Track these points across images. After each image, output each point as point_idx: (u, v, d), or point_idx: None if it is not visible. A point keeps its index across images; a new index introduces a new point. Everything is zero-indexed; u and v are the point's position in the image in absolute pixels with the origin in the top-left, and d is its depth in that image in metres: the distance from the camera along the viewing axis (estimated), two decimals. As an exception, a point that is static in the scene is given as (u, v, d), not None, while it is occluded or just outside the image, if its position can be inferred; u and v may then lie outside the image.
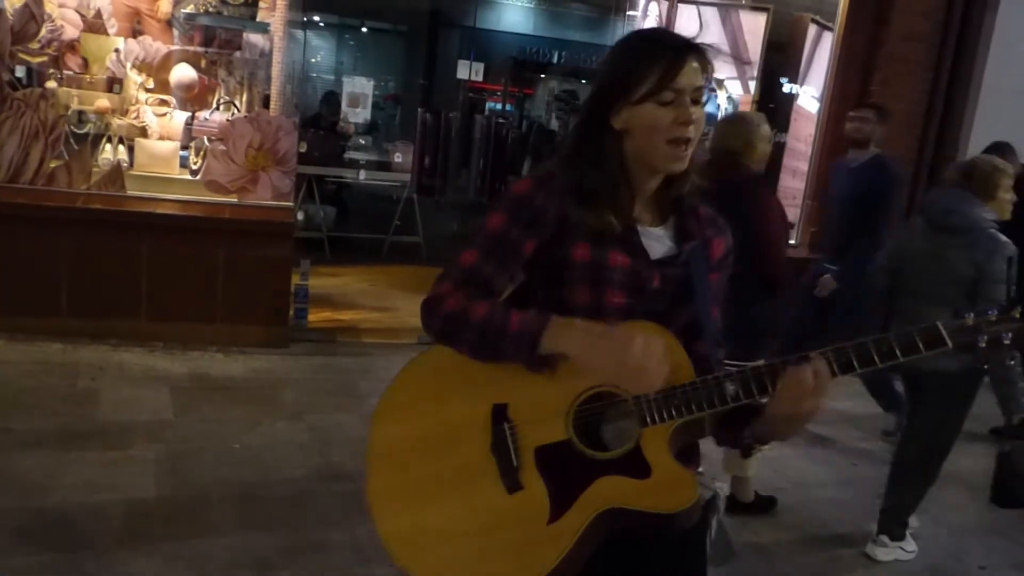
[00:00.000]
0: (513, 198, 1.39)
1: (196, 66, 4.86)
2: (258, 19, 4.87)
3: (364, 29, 14.03)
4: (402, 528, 1.36)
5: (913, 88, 5.74)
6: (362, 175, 7.48)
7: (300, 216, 6.57)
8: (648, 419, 1.28)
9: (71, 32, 4.63)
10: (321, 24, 13.05)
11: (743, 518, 3.42)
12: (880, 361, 1.25)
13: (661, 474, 1.27)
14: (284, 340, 4.67)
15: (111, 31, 4.73)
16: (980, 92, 5.72)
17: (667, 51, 1.33)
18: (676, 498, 1.27)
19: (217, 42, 4.90)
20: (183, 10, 4.82)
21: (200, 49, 4.87)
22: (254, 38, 4.91)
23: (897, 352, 1.23)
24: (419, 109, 7.78)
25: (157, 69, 4.81)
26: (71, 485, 3.00)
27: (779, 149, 6.86)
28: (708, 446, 1.46)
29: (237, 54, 4.93)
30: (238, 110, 4.93)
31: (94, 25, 4.68)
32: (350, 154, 7.65)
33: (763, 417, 1.29)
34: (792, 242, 6.05)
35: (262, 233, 4.60)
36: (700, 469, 1.47)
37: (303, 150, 6.22)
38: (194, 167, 4.85)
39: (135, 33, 4.80)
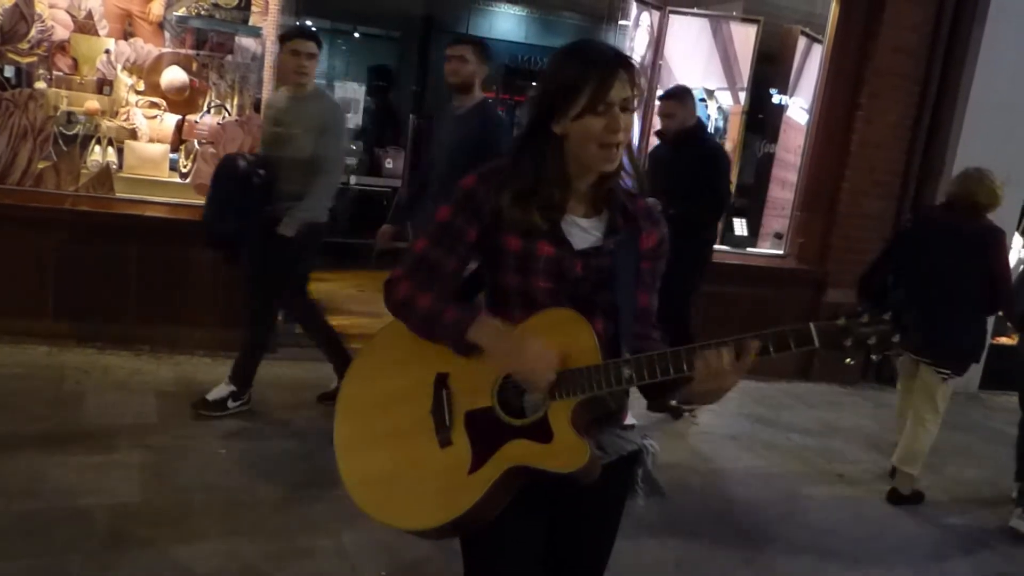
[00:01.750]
0: (460, 192, 1.60)
1: (187, 69, 4.85)
2: (250, 23, 4.86)
3: (356, 34, 14.03)
4: (358, 470, 1.63)
5: (901, 101, 5.78)
6: (352, 180, 7.46)
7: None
8: (554, 395, 1.50)
9: (61, 33, 4.61)
10: (314, 29, 13.04)
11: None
12: (760, 353, 1.46)
13: (560, 441, 1.50)
14: (272, 345, 4.64)
15: (102, 32, 4.71)
16: (967, 105, 5.77)
17: (599, 67, 1.50)
18: (570, 461, 1.49)
19: (209, 45, 4.89)
20: (175, 13, 4.80)
21: (191, 52, 4.85)
22: (246, 42, 4.90)
23: (771, 348, 1.45)
24: (411, 115, 7.78)
25: (148, 71, 4.79)
26: (55, 489, 2.98)
27: (768, 160, 6.91)
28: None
29: (229, 58, 4.92)
30: (229, 113, 4.91)
31: (85, 26, 4.66)
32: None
33: (688, 387, 1.50)
34: (780, 253, 6.09)
35: (251, 237, 4.57)
36: (632, 422, 1.70)
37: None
38: (184, 170, 4.83)
39: (126, 35, 4.78)
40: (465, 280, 1.68)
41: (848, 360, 1.45)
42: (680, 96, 4.48)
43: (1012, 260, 6.40)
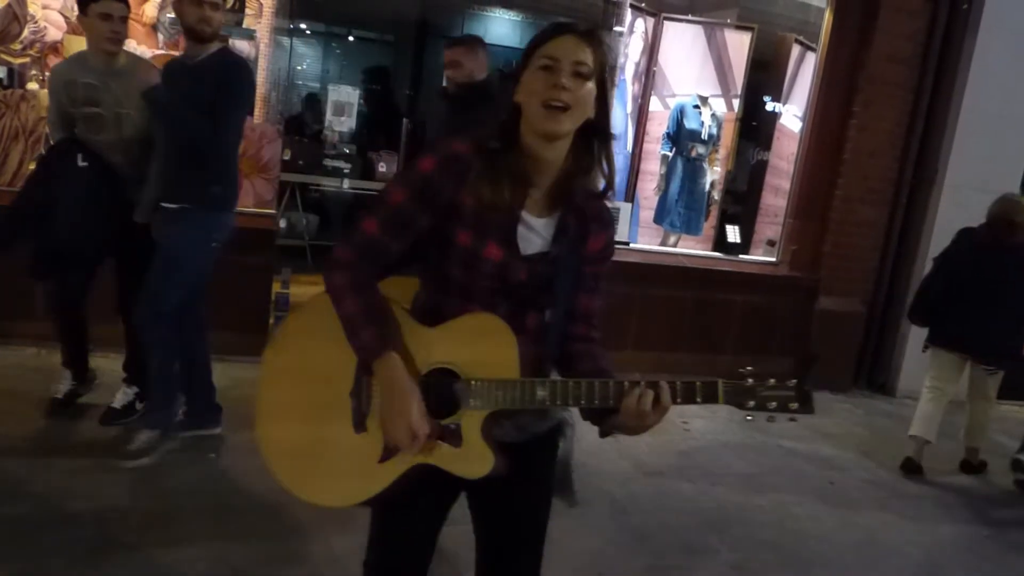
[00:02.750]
0: (417, 174, 1.53)
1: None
2: (244, 25, 4.85)
3: (351, 38, 14.03)
4: (273, 437, 1.63)
5: (894, 109, 5.80)
6: (346, 184, 7.45)
7: (282, 224, 6.53)
8: (471, 402, 1.52)
9: (54, 34, 4.59)
10: (308, 32, 13.03)
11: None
12: (674, 401, 1.49)
13: (469, 448, 1.53)
14: (263, 348, 4.61)
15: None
16: (960, 114, 5.79)
17: (551, 28, 1.51)
18: (474, 469, 1.53)
19: (202, 47, 4.87)
20: (168, 15, 4.79)
21: (185, 54, 4.83)
22: (240, 44, 4.89)
23: (678, 396, 1.49)
24: (404, 119, 7.78)
25: (141, 73, 4.77)
26: (43, 493, 2.96)
27: (761, 167, 6.93)
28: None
29: (222, 60, 4.90)
30: (222, 116, 4.89)
31: (78, 27, 4.64)
32: (334, 162, 7.62)
33: (612, 419, 1.51)
34: (773, 260, 6.11)
35: (243, 240, 4.53)
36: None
37: (287, 158, 6.19)
38: (176, 172, 4.80)
39: (120, 36, 4.76)
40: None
41: (747, 417, 1.53)
42: (469, 43, 3.94)
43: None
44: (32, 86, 4.54)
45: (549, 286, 1.58)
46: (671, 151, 6.42)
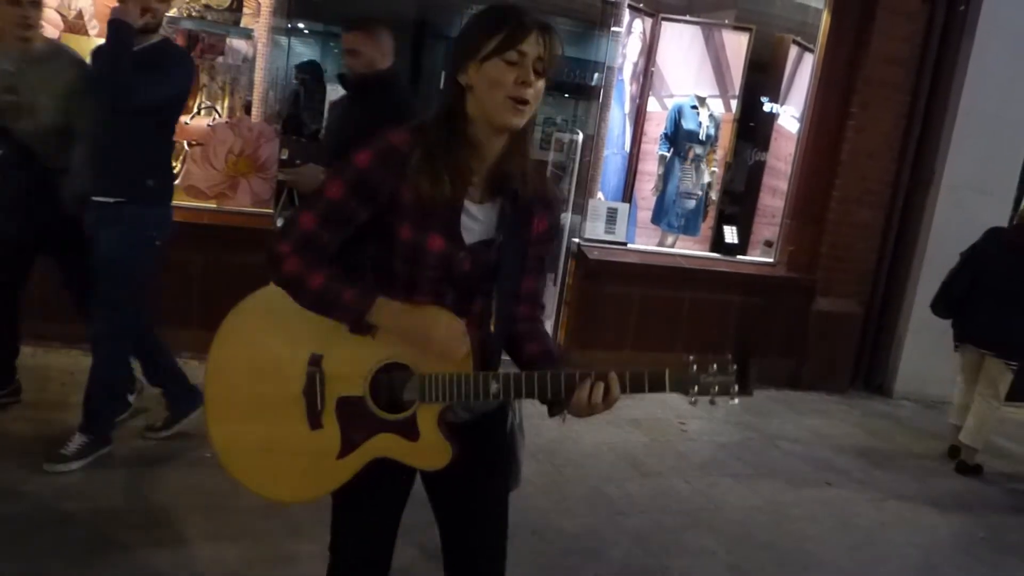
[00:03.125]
0: (354, 170, 1.52)
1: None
2: (242, 24, 4.85)
3: (349, 37, 14.00)
4: (225, 435, 1.63)
5: (892, 111, 5.81)
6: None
7: (279, 223, 6.52)
8: (425, 397, 1.54)
9: (50, 32, 4.57)
10: (306, 31, 13.02)
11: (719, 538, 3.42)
12: (622, 391, 1.53)
13: (425, 441, 1.56)
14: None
15: (92, 32, 4.68)
16: (957, 115, 5.80)
17: (516, 18, 1.48)
18: (433, 461, 1.57)
19: (200, 47, 4.87)
20: (166, 14, 4.78)
21: (182, 53, 4.82)
22: (237, 43, 4.88)
23: (627, 387, 1.52)
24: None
25: (138, 72, 4.76)
26: (38, 493, 2.95)
27: (758, 168, 6.93)
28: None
29: (220, 59, 4.90)
30: (219, 115, 4.89)
31: (75, 26, 4.63)
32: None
33: (561, 405, 1.55)
34: (770, 261, 6.11)
35: (240, 239, 4.56)
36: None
37: (284, 157, 6.18)
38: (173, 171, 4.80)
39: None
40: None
41: (691, 401, 1.56)
42: (368, 28, 3.41)
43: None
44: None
45: (494, 273, 1.59)
46: (669, 152, 6.42)
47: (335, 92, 8.59)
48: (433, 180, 1.49)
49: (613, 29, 5.83)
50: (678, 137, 6.38)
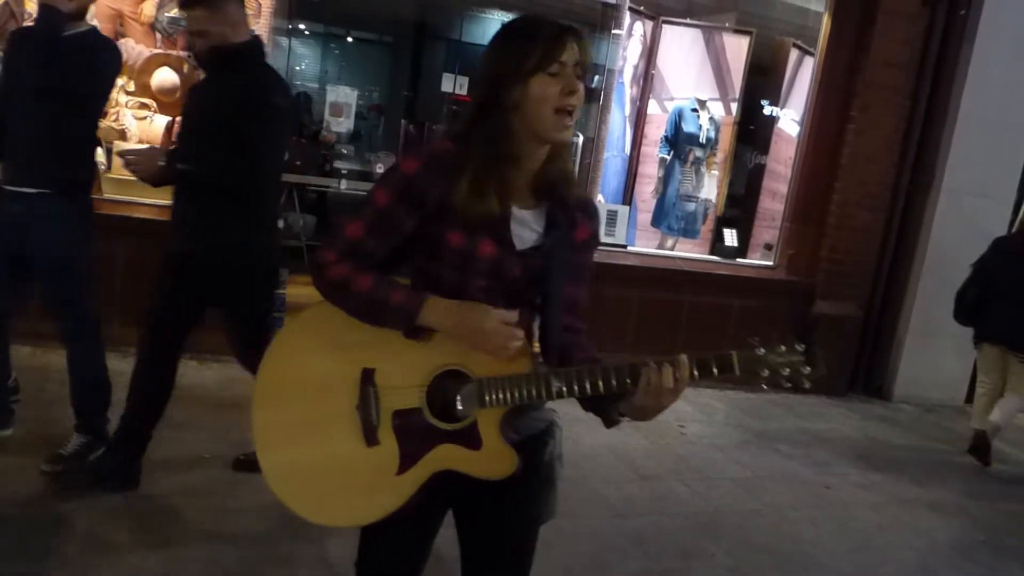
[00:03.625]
0: (401, 176, 1.51)
1: (178, 71, 4.82)
2: (242, 25, 4.84)
3: (349, 39, 14.03)
4: (277, 462, 1.55)
5: (891, 114, 5.81)
6: (344, 185, 7.43)
7: (279, 224, 6.51)
8: (485, 402, 1.49)
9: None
10: (306, 32, 13.03)
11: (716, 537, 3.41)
12: (689, 376, 1.48)
13: (488, 448, 1.51)
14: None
15: (92, 33, 4.68)
16: (957, 119, 5.80)
17: (549, 30, 1.48)
18: (498, 469, 1.52)
19: (200, 47, 4.86)
20: (167, 14, 4.78)
21: (183, 53, 4.83)
22: (238, 44, 4.87)
23: (695, 371, 1.48)
24: (402, 120, 7.77)
25: (138, 72, 4.77)
26: (34, 493, 2.94)
27: (759, 171, 6.93)
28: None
29: (220, 60, 4.89)
30: (219, 116, 4.88)
31: (75, 26, 4.63)
32: (333, 163, 7.60)
33: (628, 401, 1.49)
34: (770, 264, 6.11)
35: (240, 240, 4.55)
36: None
37: (284, 158, 6.17)
38: (173, 172, 4.79)
39: (117, 35, 4.75)
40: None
41: (764, 386, 1.51)
42: (209, 2, 2.85)
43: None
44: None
45: (542, 279, 1.57)
46: (669, 154, 6.42)
47: (334, 94, 8.60)
48: (481, 198, 1.48)
49: (614, 32, 5.84)
50: (678, 140, 6.39)
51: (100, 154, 4.65)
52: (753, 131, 7.19)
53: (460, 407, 1.51)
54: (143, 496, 3.05)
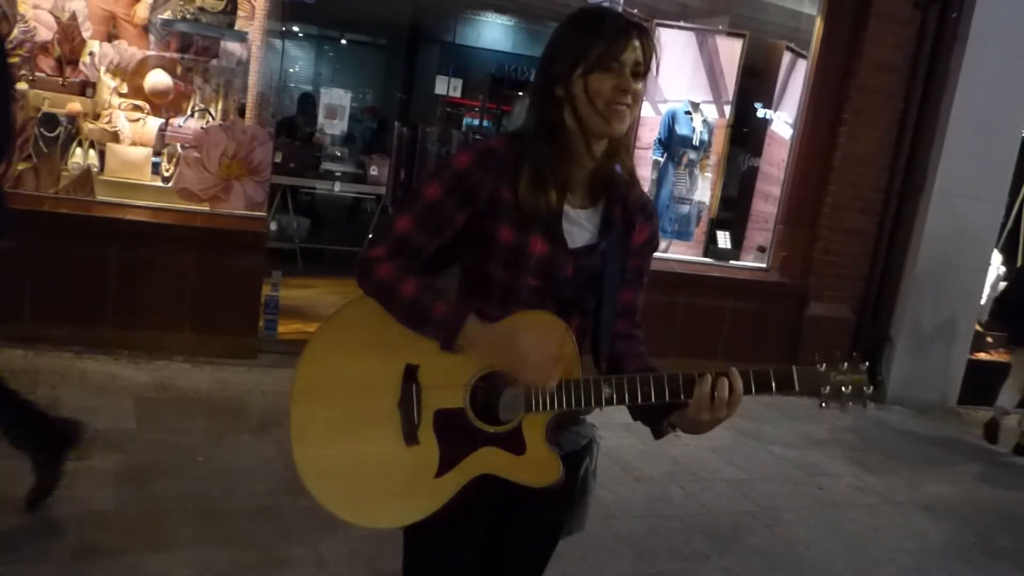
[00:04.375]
0: (452, 171, 1.47)
1: (172, 72, 4.81)
2: (236, 27, 4.83)
3: (343, 41, 14.02)
4: (313, 457, 1.51)
5: (884, 118, 5.83)
6: (337, 187, 7.44)
7: (273, 226, 6.51)
8: (532, 407, 1.44)
9: (44, 33, 4.56)
10: (300, 35, 13.02)
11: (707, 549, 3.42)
12: (744, 391, 1.41)
13: (533, 454, 1.45)
14: (253, 351, 4.62)
15: (86, 34, 4.67)
16: (949, 123, 5.83)
17: (612, 24, 1.44)
18: (542, 476, 1.45)
19: (194, 49, 4.86)
20: (160, 16, 4.77)
21: (176, 55, 4.82)
22: (232, 46, 4.87)
23: (752, 386, 1.42)
24: (396, 123, 7.77)
25: (132, 74, 4.75)
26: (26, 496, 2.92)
27: (752, 174, 6.95)
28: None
29: (214, 62, 4.88)
30: (213, 118, 4.88)
31: (68, 28, 4.62)
32: (326, 165, 7.60)
33: (681, 413, 1.44)
34: (763, 266, 6.12)
35: (234, 243, 4.55)
36: (584, 417, 1.63)
37: (278, 160, 6.17)
38: (166, 174, 4.79)
39: (110, 37, 4.74)
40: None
41: (821, 404, 1.45)
42: None
43: (990, 276, 6.48)
44: (21, 86, 4.51)
45: (595, 282, 1.52)
46: (663, 157, 6.43)
47: (328, 96, 8.59)
48: (540, 192, 1.44)
49: (607, 34, 5.84)
50: (672, 142, 6.40)
51: (93, 156, 4.65)
52: (746, 134, 7.21)
53: (505, 410, 1.46)
54: (136, 499, 3.04)
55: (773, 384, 1.42)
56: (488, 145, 1.50)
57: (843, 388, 1.44)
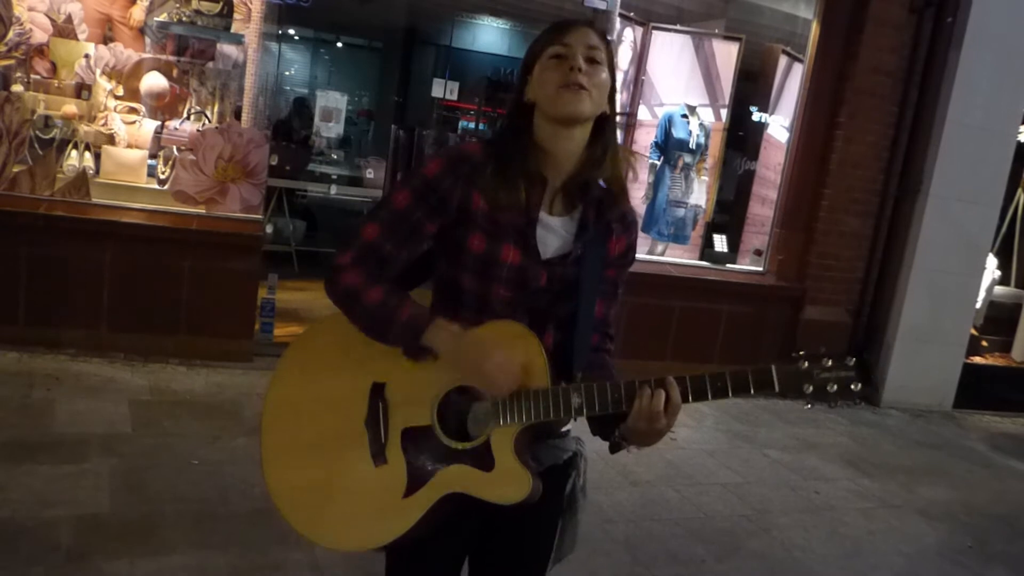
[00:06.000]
0: (422, 178, 1.46)
1: (168, 75, 4.81)
2: (232, 30, 4.83)
3: (339, 44, 14.03)
4: (284, 481, 1.50)
5: (880, 121, 5.85)
6: (333, 190, 7.43)
7: (269, 229, 6.50)
8: (500, 420, 1.40)
9: (40, 36, 4.56)
10: (296, 37, 13.02)
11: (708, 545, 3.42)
12: (712, 396, 1.36)
13: (501, 469, 1.40)
14: (248, 354, 4.61)
15: (81, 36, 4.66)
16: (944, 126, 5.84)
17: (564, 21, 1.48)
18: (510, 493, 1.39)
19: (190, 52, 4.86)
20: (156, 18, 4.77)
21: (172, 58, 4.82)
22: (228, 49, 4.87)
23: (729, 389, 1.35)
24: (393, 126, 7.77)
25: (127, 76, 4.75)
26: (21, 499, 2.91)
27: (748, 177, 6.96)
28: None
29: (210, 64, 4.88)
30: (209, 120, 4.87)
31: (64, 30, 4.62)
32: (322, 168, 7.60)
33: (625, 424, 1.40)
34: (760, 269, 6.13)
35: (230, 245, 4.54)
36: (568, 428, 1.58)
37: (274, 163, 6.17)
38: (162, 176, 4.78)
39: (106, 39, 4.74)
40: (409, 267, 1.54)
41: (807, 405, 1.36)
42: None
43: (986, 280, 6.49)
44: (17, 88, 4.51)
45: (569, 292, 1.49)
46: (659, 160, 6.44)
47: (324, 98, 8.59)
48: (508, 188, 1.43)
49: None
50: (668, 146, 6.41)
51: (88, 158, 4.64)
52: (742, 137, 7.22)
53: (473, 425, 1.43)
54: (131, 502, 3.03)
55: (752, 386, 1.34)
56: (461, 151, 1.48)
57: (828, 387, 1.34)
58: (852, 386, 1.35)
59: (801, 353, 1.37)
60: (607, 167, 1.50)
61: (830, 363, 1.35)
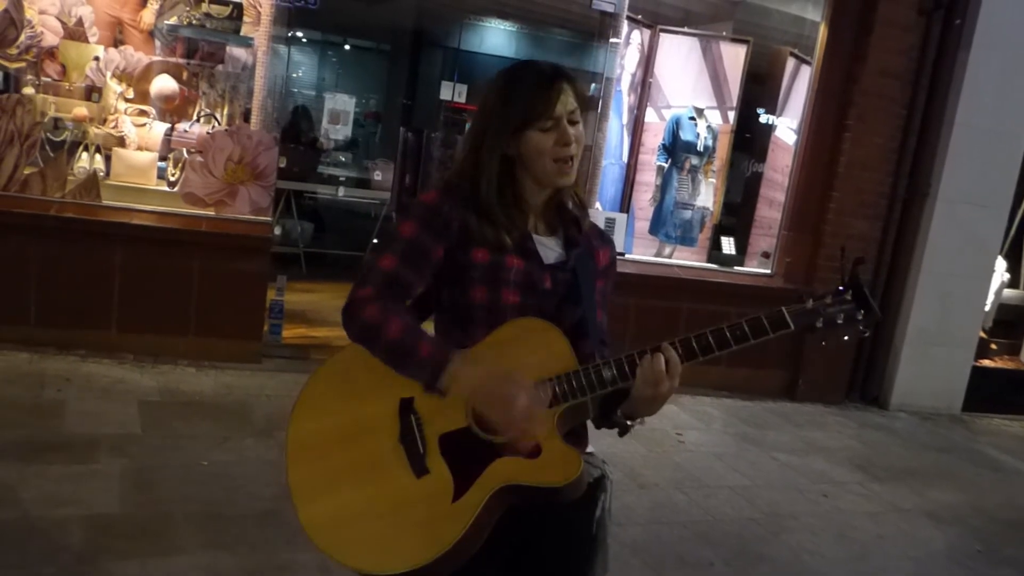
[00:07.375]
0: (423, 206, 1.54)
1: (177, 78, 4.83)
2: (242, 33, 4.85)
3: (347, 47, 14.06)
4: (320, 514, 1.46)
5: (888, 123, 5.83)
6: (341, 192, 7.45)
7: (277, 231, 6.52)
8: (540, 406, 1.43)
9: (51, 39, 4.59)
10: (304, 40, 13.06)
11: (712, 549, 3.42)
12: (735, 343, 1.50)
13: (550, 453, 1.43)
14: (257, 355, 4.62)
15: (92, 39, 4.69)
16: (953, 128, 5.82)
17: (539, 82, 1.51)
18: (563, 472, 1.42)
19: (199, 54, 4.88)
20: (166, 21, 4.80)
21: (182, 61, 4.84)
22: (237, 52, 4.89)
23: (749, 335, 1.48)
24: (400, 128, 7.78)
25: (137, 79, 4.78)
26: (32, 499, 2.93)
27: (756, 179, 6.95)
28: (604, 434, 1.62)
29: (219, 67, 4.91)
30: (218, 123, 4.90)
31: (75, 33, 4.65)
32: (330, 170, 7.62)
33: (629, 399, 1.48)
34: (768, 272, 6.12)
35: (238, 247, 4.56)
36: (590, 450, 1.63)
37: (282, 165, 6.19)
38: (172, 179, 4.80)
39: (116, 42, 4.76)
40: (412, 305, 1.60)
41: (824, 343, 1.50)
42: None
43: (994, 283, 6.47)
44: (28, 91, 4.54)
45: (573, 297, 1.57)
46: (667, 162, 6.44)
47: (332, 101, 8.61)
48: (494, 229, 1.52)
49: (611, 40, 5.85)
50: (676, 148, 6.41)
51: (99, 160, 4.66)
52: (750, 139, 7.21)
53: None
54: (141, 503, 3.05)
55: (768, 328, 1.47)
56: (449, 180, 1.57)
57: (837, 319, 1.49)
58: (857, 315, 1.49)
59: (802, 296, 1.51)
60: (570, 190, 1.61)
61: (829, 300, 1.51)
